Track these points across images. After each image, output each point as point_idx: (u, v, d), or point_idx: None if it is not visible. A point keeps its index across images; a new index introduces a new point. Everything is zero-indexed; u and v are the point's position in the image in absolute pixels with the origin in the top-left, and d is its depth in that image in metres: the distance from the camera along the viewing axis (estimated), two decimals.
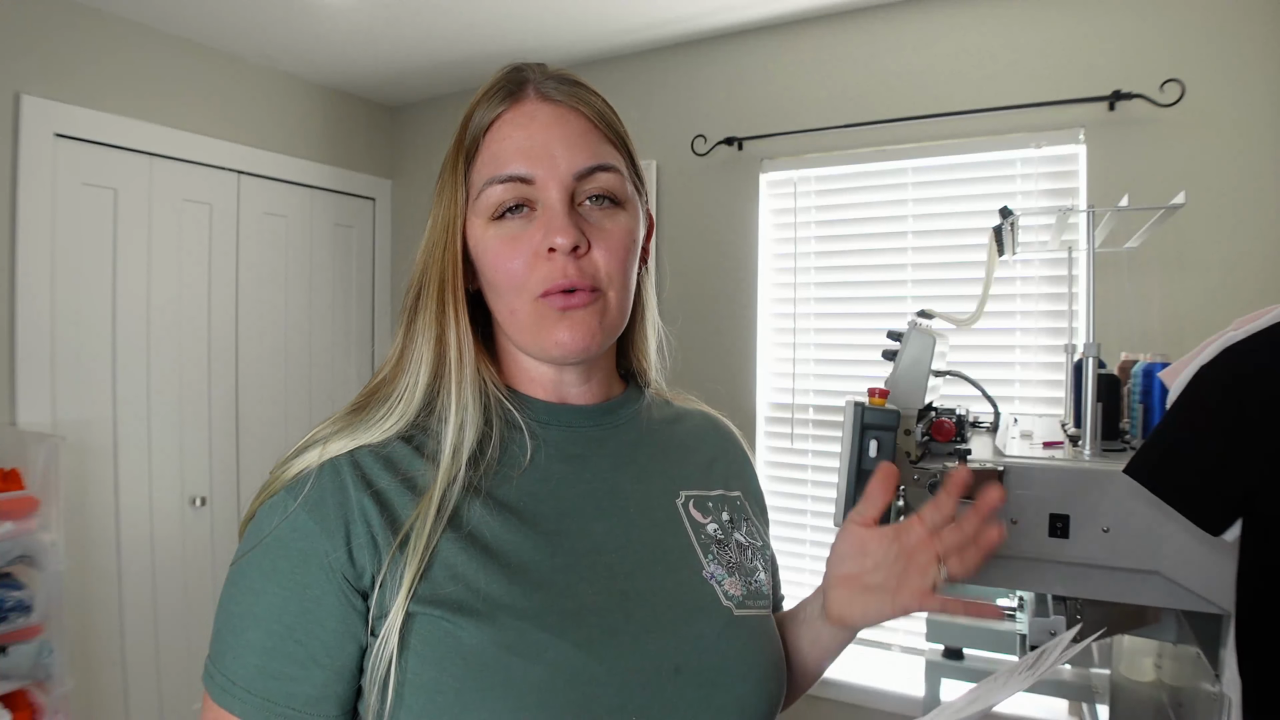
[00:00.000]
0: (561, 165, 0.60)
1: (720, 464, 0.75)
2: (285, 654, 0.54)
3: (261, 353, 2.79)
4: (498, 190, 0.60)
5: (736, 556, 0.68)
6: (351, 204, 3.14)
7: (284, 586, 0.54)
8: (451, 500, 0.57)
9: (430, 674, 0.53)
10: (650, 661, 0.57)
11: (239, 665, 0.54)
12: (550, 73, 0.64)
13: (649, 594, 0.61)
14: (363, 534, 0.55)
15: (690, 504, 0.69)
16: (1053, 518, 0.96)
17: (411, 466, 0.59)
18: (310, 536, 0.55)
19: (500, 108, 0.62)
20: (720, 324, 2.53)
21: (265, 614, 0.54)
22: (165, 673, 2.46)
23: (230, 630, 0.56)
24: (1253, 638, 0.77)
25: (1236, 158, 1.85)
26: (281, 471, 0.58)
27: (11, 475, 1.88)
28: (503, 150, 0.61)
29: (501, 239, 0.61)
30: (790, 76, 2.43)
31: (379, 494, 0.57)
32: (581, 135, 0.62)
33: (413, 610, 0.54)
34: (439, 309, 0.62)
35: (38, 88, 2.14)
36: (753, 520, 0.73)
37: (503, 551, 0.57)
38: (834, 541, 0.68)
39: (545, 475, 0.63)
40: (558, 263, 0.59)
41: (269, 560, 0.55)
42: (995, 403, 1.45)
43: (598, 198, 0.62)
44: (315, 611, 0.54)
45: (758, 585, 0.68)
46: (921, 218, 2.24)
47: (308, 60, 2.75)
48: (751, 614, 0.65)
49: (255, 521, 0.58)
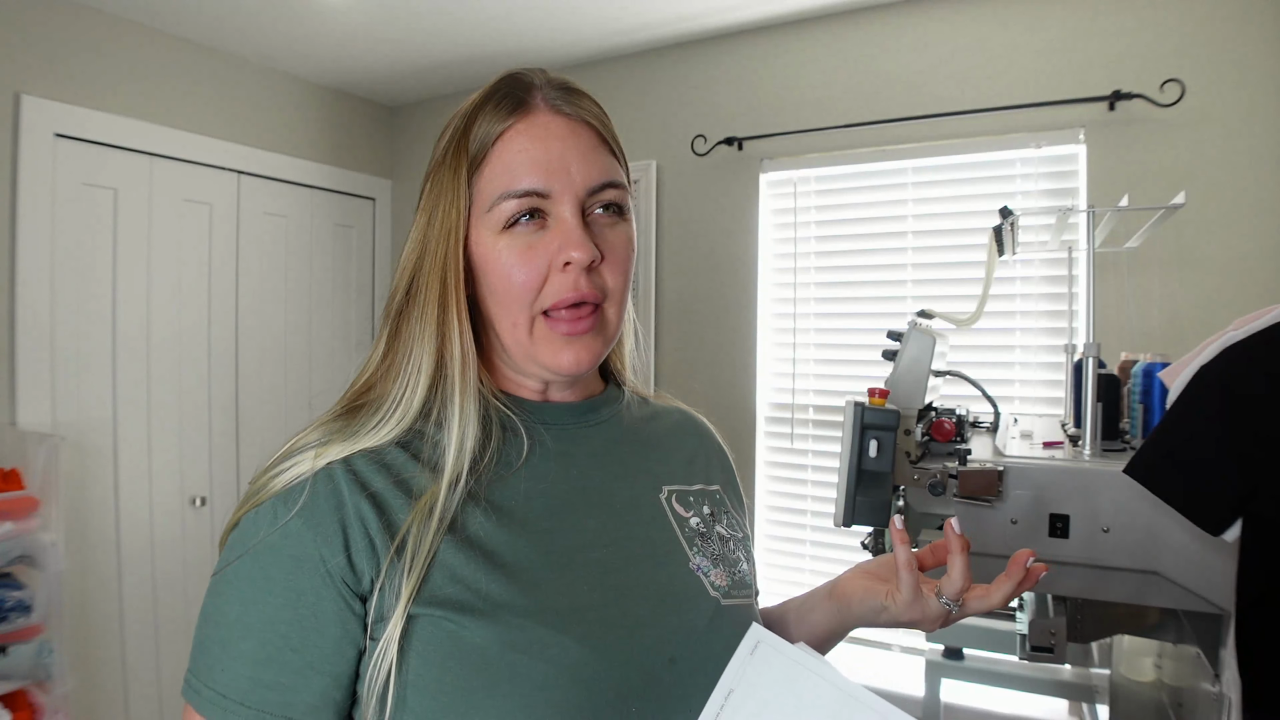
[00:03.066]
0: (577, 180, 0.61)
1: (699, 459, 0.76)
2: (281, 663, 0.53)
3: (261, 353, 2.79)
4: (512, 204, 0.60)
5: (719, 548, 0.69)
6: (351, 204, 3.14)
7: (277, 594, 0.53)
8: (451, 505, 0.58)
9: (433, 674, 0.53)
10: (646, 653, 0.58)
11: (230, 678, 0.53)
12: (555, 81, 0.65)
13: (641, 588, 0.62)
14: (360, 538, 0.55)
15: (673, 499, 0.70)
16: (1053, 518, 0.96)
17: (406, 470, 0.59)
18: (304, 543, 0.54)
19: (510, 119, 0.62)
20: (720, 324, 2.53)
21: (258, 623, 0.53)
22: (165, 673, 2.46)
23: (217, 642, 0.54)
24: (1253, 638, 0.77)
25: (1236, 158, 1.85)
26: (268, 480, 0.57)
27: (11, 475, 1.88)
28: (516, 162, 0.61)
29: (515, 250, 0.61)
30: (790, 76, 2.43)
31: (375, 496, 0.57)
32: (592, 150, 0.63)
33: (414, 612, 0.54)
34: (440, 316, 0.62)
35: (38, 88, 2.14)
36: (732, 513, 0.75)
37: (498, 552, 0.58)
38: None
39: (536, 474, 0.64)
40: (571, 276, 0.60)
41: (259, 568, 0.54)
42: (995, 403, 1.46)
43: (606, 207, 0.63)
44: (312, 619, 0.53)
45: (741, 575, 0.69)
46: (921, 218, 2.24)
47: (308, 60, 2.75)
48: (737, 603, 0.66)
49: (239, 531, 0.56)
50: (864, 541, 1.39)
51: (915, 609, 0.65)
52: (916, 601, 0.65)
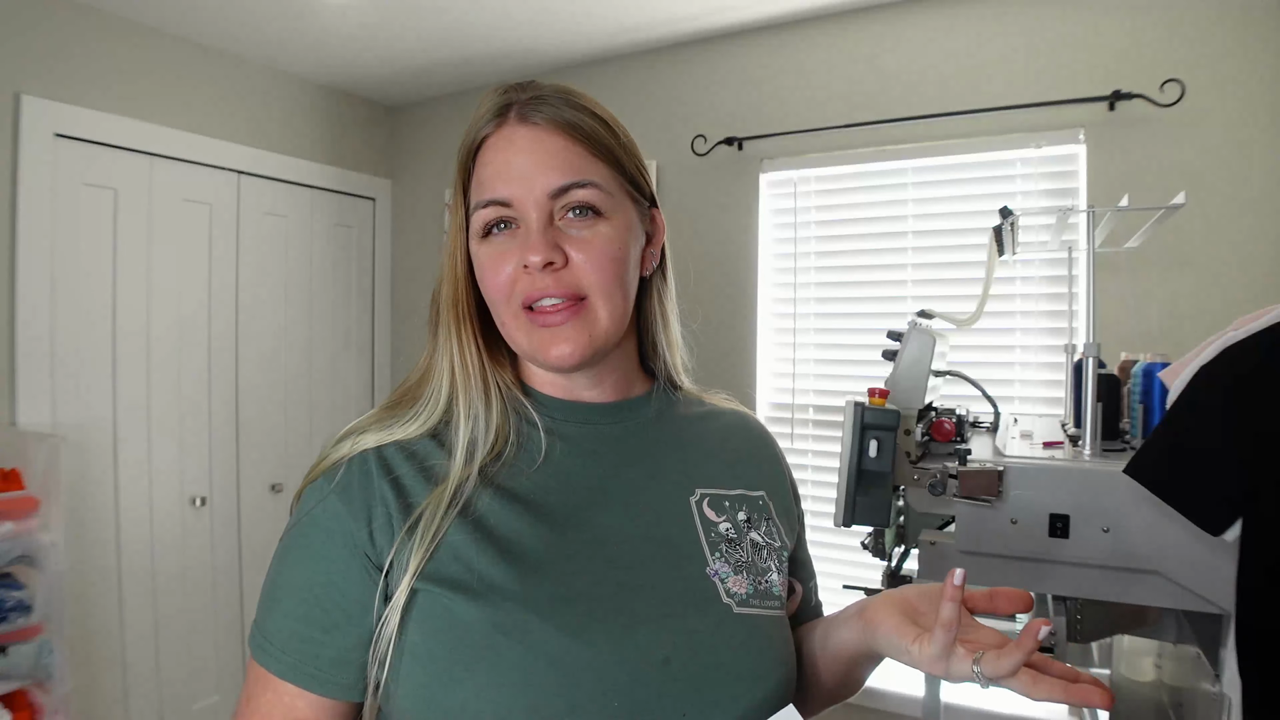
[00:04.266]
0: (537, 186, 0.63)
1: (746, 463, 0.76)
2: (313, 620, 0.60)
3: (261, 353, 2.79)
4: (484, 213, 0.65)
5: (748, 556, 0.68)
6: (351, 204, 3.14)
7: (314, 560, 0.61)
8: (465, 492, 0.62)
9: (426, 644, 0.58)
10: (638, 652, 0.58)
11: (276, 628, 0.61)
12: (538, 91, 0.67)
13: (646, 586, 0.62)
14: (381, 517, 0.61)
15: (705, 502, 0.70)
16: (1053, 518, 0.96)
17: (432, 458, 0.64)
18: (339, 518, 0.61)
19: (485, 131, 0.67)
20: (720, 324, 2.53)
21: (299, 584, 0.61)
22: (165, 673, 2.46)
23: (271, 597, 0.62)
24: (1253, 638, 0.77)
25: (1236, 158, 1.85)
26: (324, 457, 0.66)
27: (11, 475, 1.88)
28: (485, 175, 0.66)
29: (490, 256, 0.65)
30: (790, 76, 2.43)
31: (397, 481, 0.63)
32: (556, 154, 0.64)
33: (417, 587, 0.58)
34: (452, 326, 0.68)
35: (38, 88, 2.14)
36: (774, 520, 0.73)
37: (507, 539, 0.61)
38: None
39: (558, 470, 0.66)
40: (534, 277, 0.63)
41: (303, 537, 0.62)
42: (995, 403, 1.46)
43: (579, 210, 0.64)
44: (340, 584, 0.60)
45: (767, 585, 0.68)
46: (921, 218, 2.24)
47: (308, 60, 2.75)
48: (755, 613, 0.65)
49: (301, 501, 0.65)
50: (864, 541, 1.39)
51: (939, 665, 0.58)
52: (943, 660, 0.58)
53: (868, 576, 2.17)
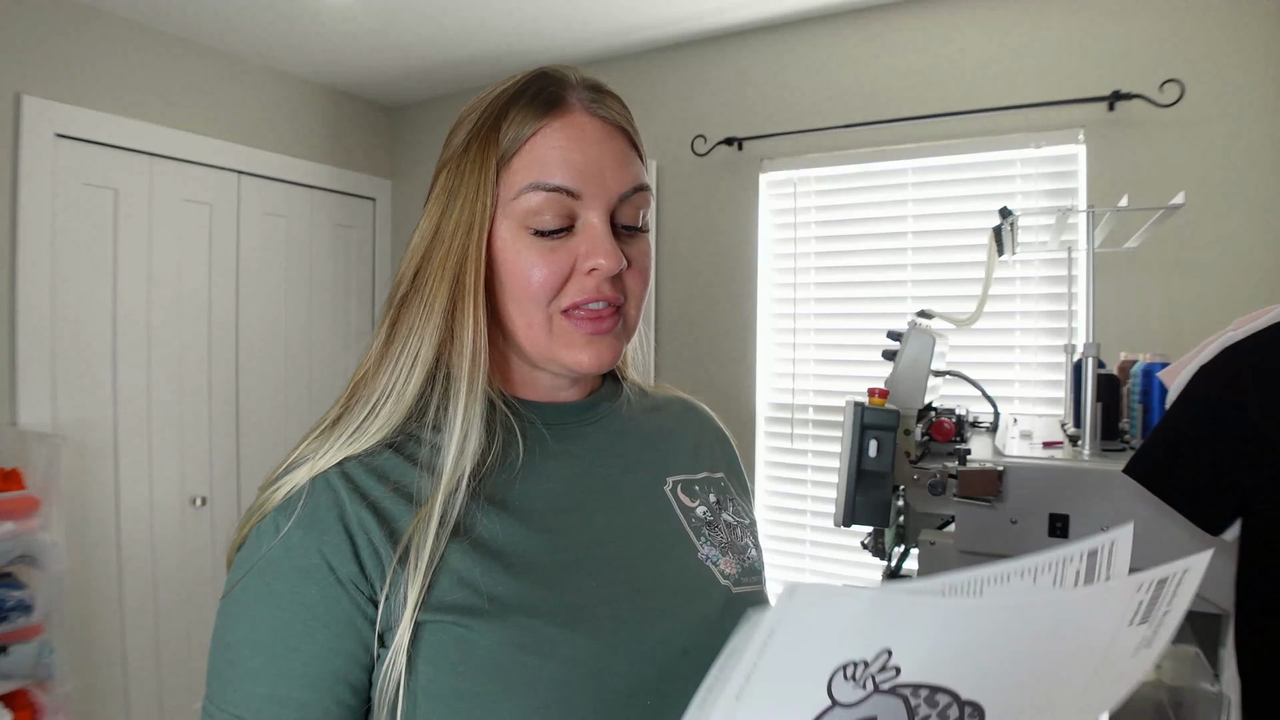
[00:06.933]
0: (611, 185, 0.60)
1: (703, 447, 0.76)
2: (295, 678, 0.52)
3: (262, 353, 2.79)
4: (539, 197, 0.59)
5: (727, 536, 0.69)
6: (351, 204, 3.14)
7: (285, 609, 0.52)
8: (454, 511, 0.56)
9: (445, 680, 0.52)
10: (659, 646, 0.58)
11: (243, 697, 0.52)
12: (588, 82, 0.64)
13: (652, 581, 0.62)
14: (366, 546, 0.54)
15: (678, 489, 0.70)
16: (1053, 518, 0.96)
17: (404, 476, 0.57)
18: (308, 553, 0.53)
19: (545, 117, 0.60)
20: (720, 324, 2.53)
21: (268, 639, 0.52)
22: (165, 673, 2.46)
23: (229, 664, 0.53)
24: (1252, 638, 0.77)
25: (1236, 158, 1.85)
26: (270, 493, 0.56)
27: (12, 475, 1.88)
28: (550, 159, 0.59)
29: (537, 249, 0.59)
30: (790, 76, 2.43)
31: (374, 505, 0.55)
32: (625, 154, 0.62)
33: (421, 619, 0.53)
34: (451, 310, 0.60)
35: (38, 88, 2.14)
36: (738, 499, 0.74)
37: (505, 553, 0.57)
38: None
39: (540, 474, 0.63)
40: (594, 281, 0.60)
41: (264, 584, 0.53)
42: (995, 403, 1.46)
43: (630, 227, 0.63)
44: (323, 630, 0.52)
45: (750, 561, 0.69)
46: (921, 218, 2.24)
47: (308, 60, 2.75)
48: (748, 590, 0.66)
49: (245, 549, 0.55)
50: (864, 541, 1.39)
51: None
52: None
53: (868, 576, 2.17)
